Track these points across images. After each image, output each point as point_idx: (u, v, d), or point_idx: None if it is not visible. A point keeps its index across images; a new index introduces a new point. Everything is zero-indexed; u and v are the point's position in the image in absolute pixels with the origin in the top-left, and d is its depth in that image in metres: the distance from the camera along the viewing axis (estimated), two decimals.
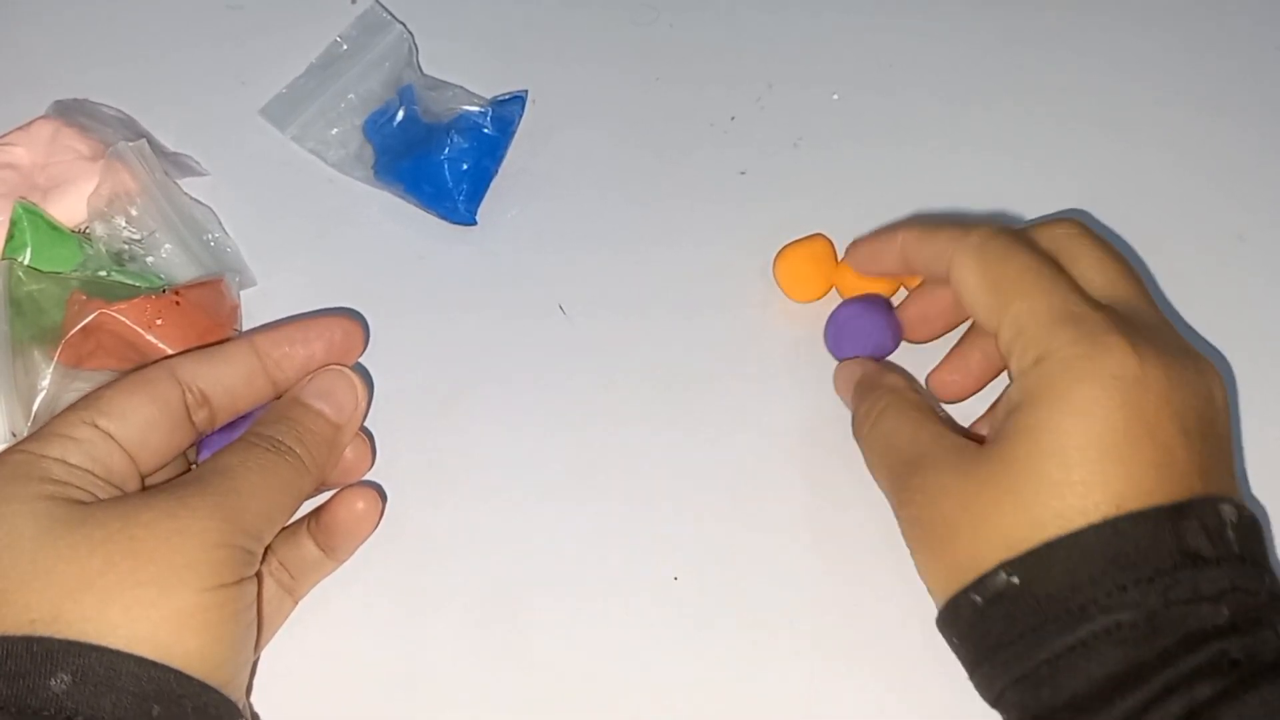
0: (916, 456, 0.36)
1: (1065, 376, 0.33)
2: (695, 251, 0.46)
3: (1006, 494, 0.32)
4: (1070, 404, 0.32)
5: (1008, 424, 0.33)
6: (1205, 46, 0.51)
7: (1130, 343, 0.33)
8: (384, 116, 0.47)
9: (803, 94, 0.50)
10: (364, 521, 0.38)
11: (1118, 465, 0.32)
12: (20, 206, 0.43)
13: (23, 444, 0.33)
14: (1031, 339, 0.34)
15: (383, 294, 0.45)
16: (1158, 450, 0.32)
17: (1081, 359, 0.33)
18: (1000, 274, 0.35)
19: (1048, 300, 0.34)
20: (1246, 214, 0.47)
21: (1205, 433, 0.33)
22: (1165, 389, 0.32)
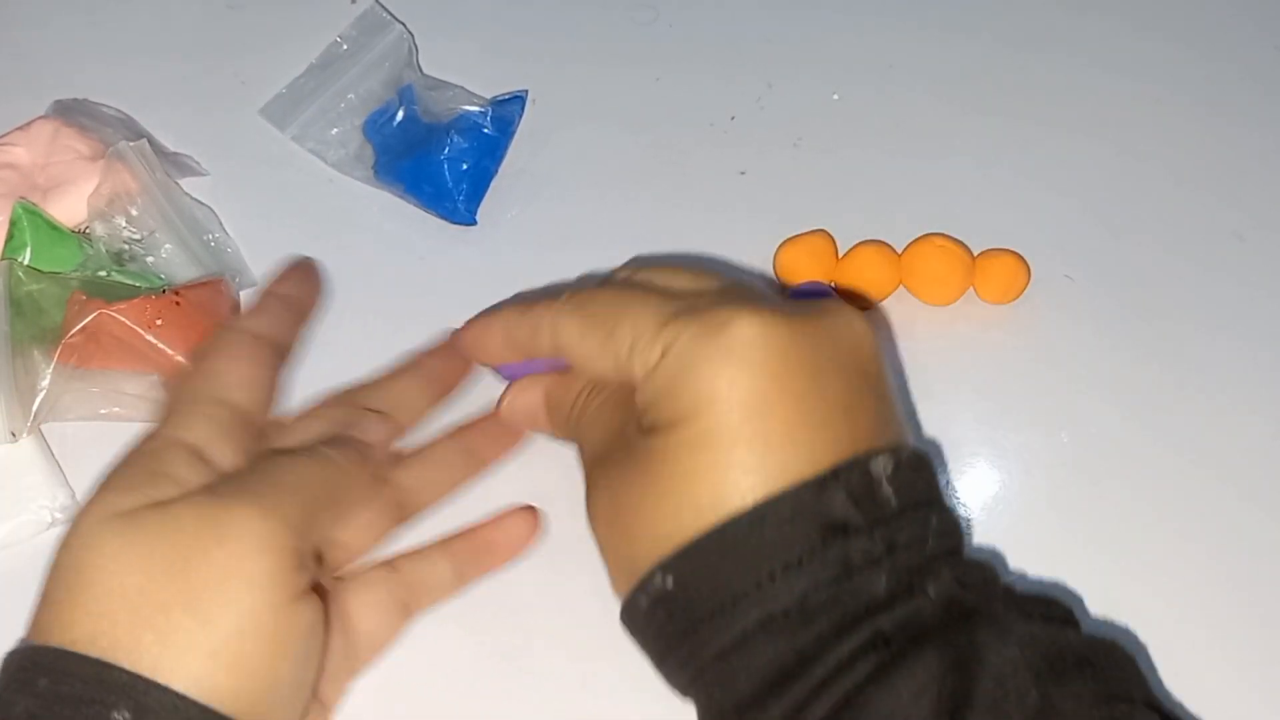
0: (606, 450, 0.34)
1: (690, 360, 0.31)
2: (695, 251, 0.46)
3: (655, 491, 0.31)
4: (700, 387, 0.31)
5: (648, 419, 0.32)
6: (1205, 46, 0.51)
7: (744, 310, 0.31)
8: (384, 116, 0.47)
9: (803, 94, 0.50)
10: (517, 543, 0.39)
11: (755, 444, 0.30)
12: (20, 206, 0.43)
13: (158, 424, 0.34)
14: (649, 340, 0.32)
15: (383, 294, 0.45)
16: (798, 417, 0.31)
17: (701, 339, 0.31)
18: (596, 310, 0.35)
19: (651, 307, 0.33)
20: (1246, 214, 0.47)
21: (853, 384, 0.32)
22: (793, 349, 0.31)
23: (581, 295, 0.35)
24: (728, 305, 0.32)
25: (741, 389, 0.31)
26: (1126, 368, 0.43)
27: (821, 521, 0.30)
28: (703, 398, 0.31)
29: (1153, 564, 0.39)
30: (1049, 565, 0.39)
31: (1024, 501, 0.41)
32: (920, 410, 0.42)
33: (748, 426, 0.30)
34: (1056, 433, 0.42)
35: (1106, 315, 0.44)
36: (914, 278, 0.44)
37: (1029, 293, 0.44)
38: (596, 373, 0.35)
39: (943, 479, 0.36)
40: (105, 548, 0.30)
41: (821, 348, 0.32)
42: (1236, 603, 0.39)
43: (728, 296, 0.33)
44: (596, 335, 0.34)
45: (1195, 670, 0.37)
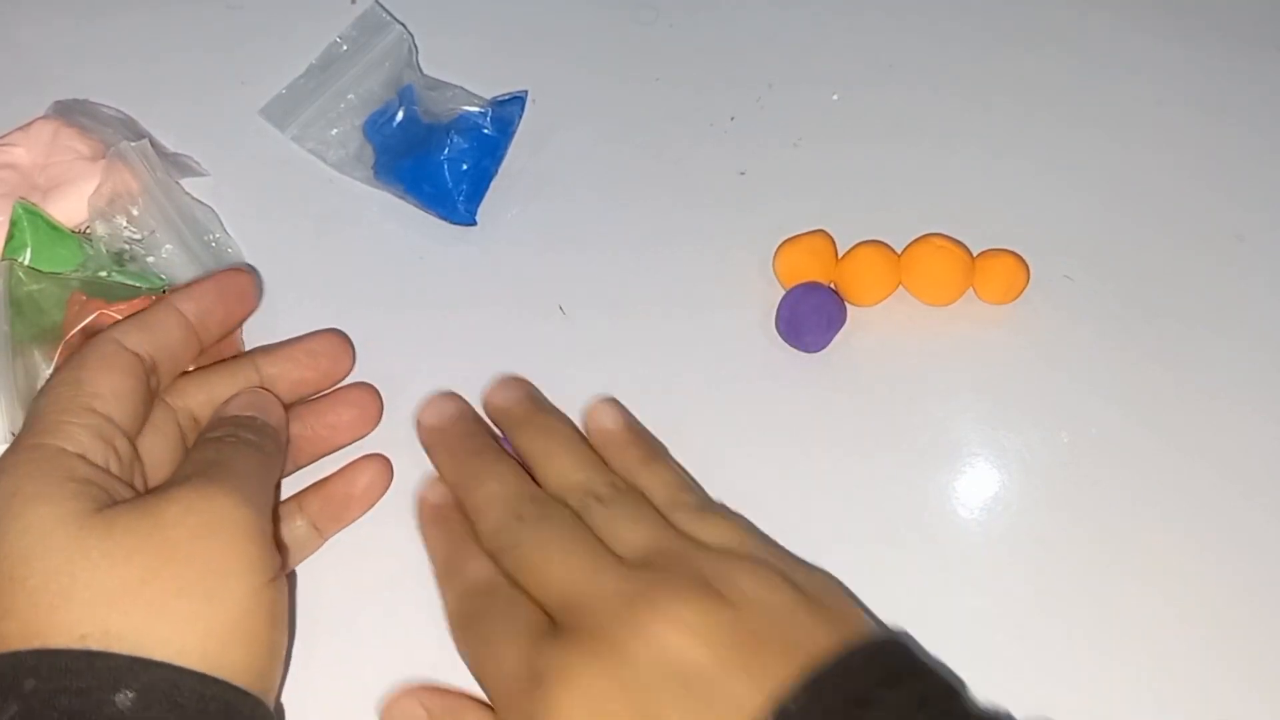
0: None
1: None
2: (695, 251, 0.46)
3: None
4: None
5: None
6: (1205, 46, 0.51)
7: (541, 654, 0.32)
8: (384, 117, 0.47)
9: (803, 94, 0.50)
10: (369, 494, 0.39)
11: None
12: (20, 206, 0.43)
13: (38, 435, 0.33)
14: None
15: (383, 294, 0.45)
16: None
17: (516, 708, 0.32)
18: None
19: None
20: (1246, 214, 0.47)
21: (680, 680, 0.31)
22: (579, 687, 0.31)
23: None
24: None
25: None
26: (1126, 368, 0.43)
27: None
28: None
29: (1153, 564, 0.39)
30: (1049, 565, 0.39)
31: (1024, 501, 0.41)
32: (920, 410, 0.42)
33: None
34: (1056, 433, 0.42)
35: (1106, 315, 0.44)
36: (914, 278, 0.44)
37: (1029, 293, 0.44)
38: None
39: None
40: (90, 550, 0.31)
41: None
42: (1237, 603, 0.39)
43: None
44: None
45: (1196, 670, 0.37)
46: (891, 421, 0.42)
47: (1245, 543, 0.40)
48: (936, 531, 0.40)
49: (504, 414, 0.41)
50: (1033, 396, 0.43)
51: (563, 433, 0.40)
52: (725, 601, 0.32)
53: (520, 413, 0.41)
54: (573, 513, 0.36)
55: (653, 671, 0.31)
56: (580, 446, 0.39)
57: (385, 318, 0.45)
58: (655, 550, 0.34)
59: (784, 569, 0.34)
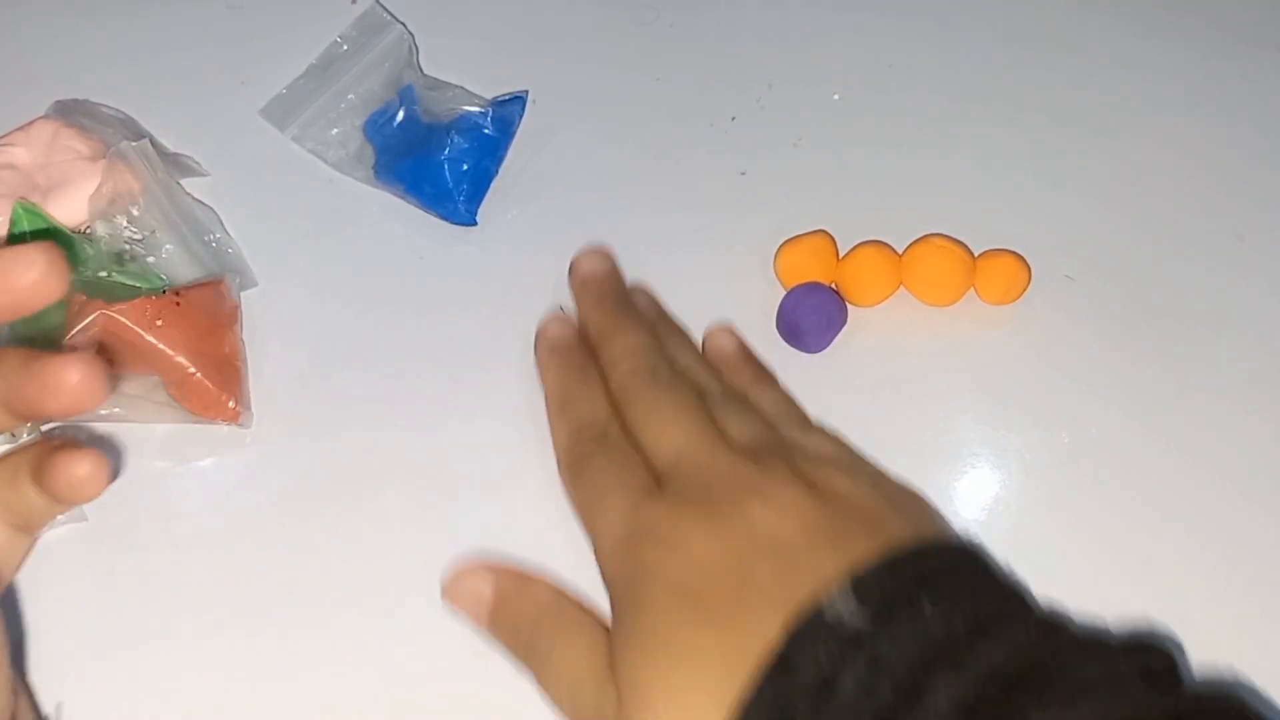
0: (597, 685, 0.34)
1: (614, 585, 0.34)
2: (695, 251, 0.46)
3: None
4: (620, 611, 0.33)
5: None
6: (1205, 46, 0.51)
7: (647, 512, 0.34)
8: (384, 117, 0.47)
9: (803, 94, 0.50)
10: (87, 487, 0.32)
11: (687, 669, 0.31)
12: (20, 206, 0.43)
13: None
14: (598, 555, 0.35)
15: (383, 294, 0.45)
16: (719, 615, 0.31)
17: (616, 570, 0.34)
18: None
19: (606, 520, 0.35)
20: (1246, 214, 0.47)
21: (772, 549, 0.32)
22: (681, 545, 0.33)
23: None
24: (641, 516, 0.34)
25: (653, 607, 0.32)
26: (1126, 368, 0.43)
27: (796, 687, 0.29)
28: (627, 624, 0.33)
29: (1153, 564, 0.39)
30: (1049, 565, 0.39)
31: (1024, 501, 0.41)
32: (920, 410, 0.42)
33: (670, 647, 0.31)
34: (1056, 433, 0.42)
35: (1106, 315, 0.44)
36: (914, 278, 0.44)
37: (1029, 293, 0.44)
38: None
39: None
40: None
41: (710, 536, 0.33)
42: (1237, 602, 0.39)
43: (647, 502, 0.35)
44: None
45: (1196, 670, 0.37)
46: (891, 421, 0.42)
47: (1245, 543, 0.40)
48: None
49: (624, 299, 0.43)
50: (1033, 396, 0.43)
51: (686, 337, 0.43)
52: (818, 494, 0.34)
53: (652, 315, 0.43)
54: (696, 393, 0.38)
55: (747, 539, 0.33)
56: (699, 353, 0.42)
57: (385, 318, 0.45)
58: (763, 444, 0.36)
59: (876, 478, 0.37)
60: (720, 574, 0.32)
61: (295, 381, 0.43)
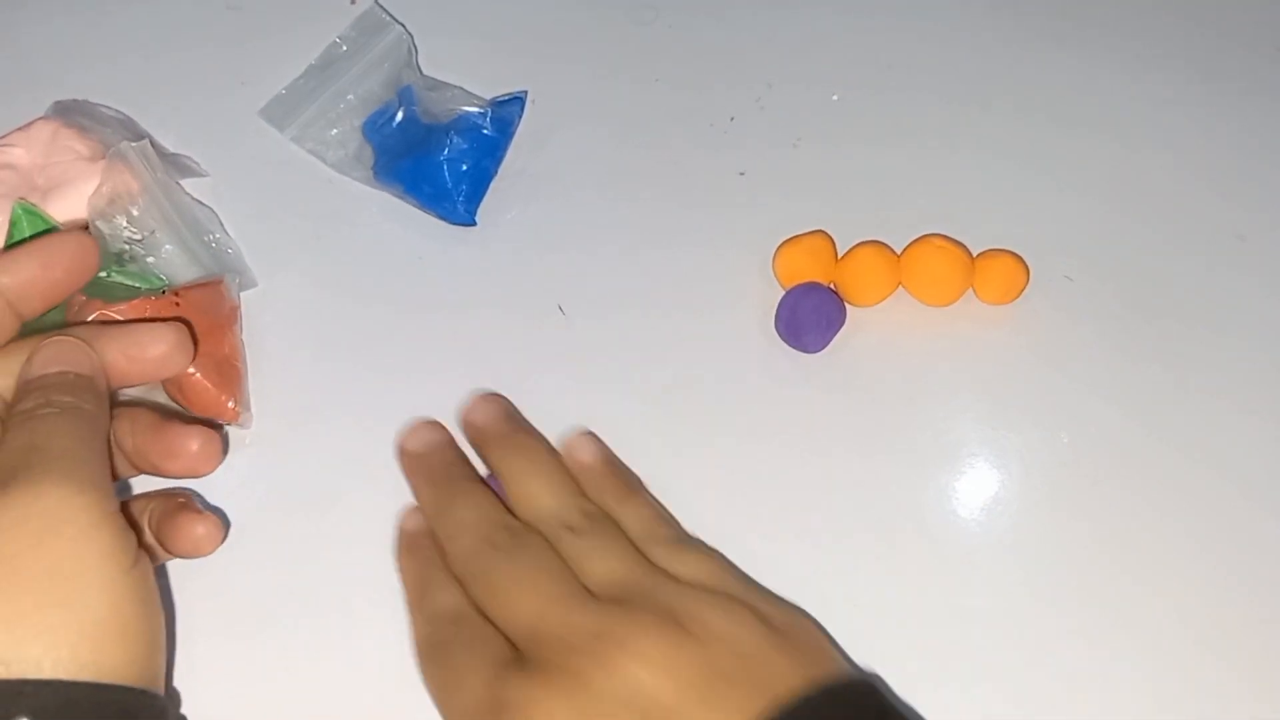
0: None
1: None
2: (695, 251, 0.46)
3: None
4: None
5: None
6: (1205, 46, 0.51)
7: (505, 686, 0.32)
8: (383, 117, 0.47)
9: (802, 94, 0.50)
10: (204, 545, 0.36)
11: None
12: (19, 207, 0.43)
13: None
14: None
15: (382, 294, 0.45)
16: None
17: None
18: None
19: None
20: (1246, 214, 0.47)
21: (644, 714, 0.31)
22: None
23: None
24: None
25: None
26: (1126, 368, 0.43)
27: None
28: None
29: (1153, 564, 0.39)
30: (1049, 565, 0.39)
31: (1024, 501, 0.41)
32: (920, 410, 0.42)
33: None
34: (1056, 433, 0.42)
35: (1106, 315, 0.44)
36: (913, 278, 0.44)
37: (1029, 293, 0.44)
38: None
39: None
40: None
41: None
42: (1237, 603, 0.38)
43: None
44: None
45: (1196, 670, 0.37)
46: (891, 421, 0.42)
47: (1245, 543, 0.40)
48: (936, 532, 0.40)
49: (480, 431, 0.40)
50: (1033, 396, 0.43)
51: (540, 454, 0.39)
52: (693, 638, 0.32)
53: (497, 430, 0.40)
54: (545, 541, 0.36)
55: (616, 706, 0.30)
56: (558, 470, 0.39)
57: (385, 318, 0.45)
58: (626, 583, 0.34)
59: (756, 605, 0.34)
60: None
61: (295, 381, 0.43)
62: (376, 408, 0.42)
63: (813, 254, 0.44)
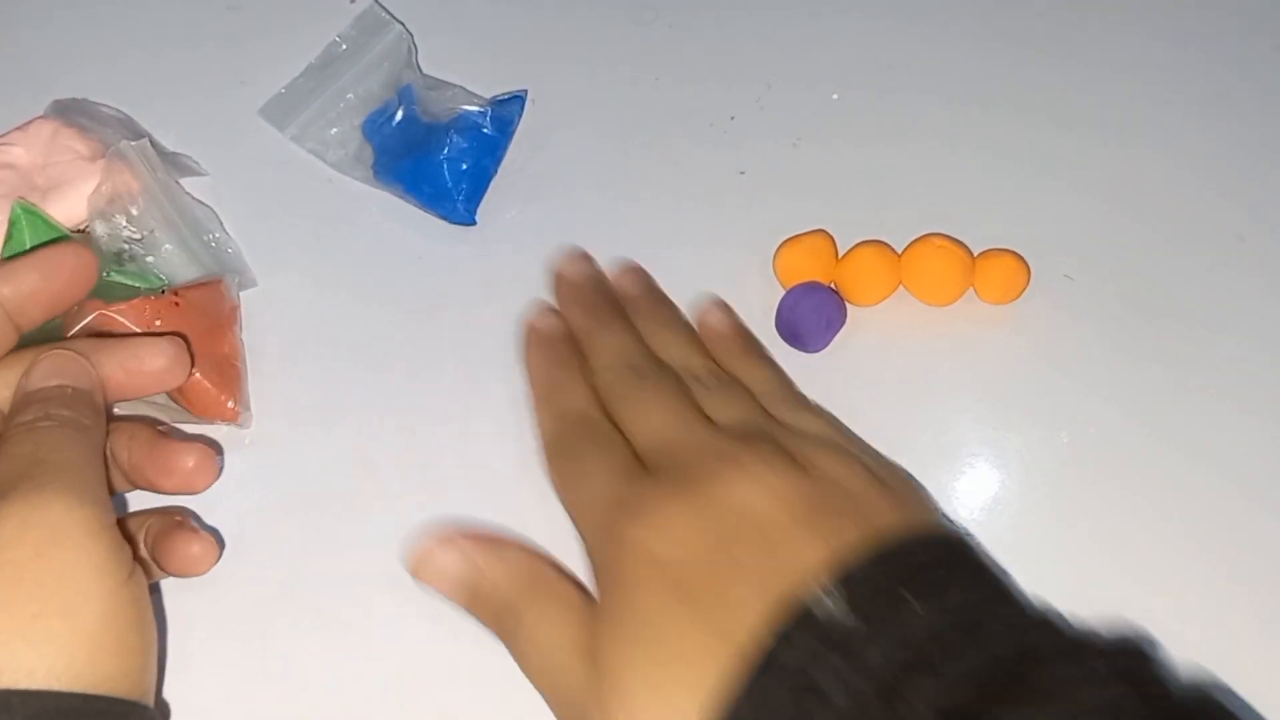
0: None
1: (596, 562, 0.34)
2: (695, 251, 0.46)
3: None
4: (603, 589, 0.33)
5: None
6: (1205, 46, 0.51)
7: (630, 490, 0.34)
8: (383, 116, 0.47)
9: (802, 94, 0.50)
10: (199, 564, 0.36)
11: (666, 659, 0.30)
12: (19, 206, 0.43)
13: None
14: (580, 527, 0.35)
15: (382, 294, 0.45)
16: (701, 600, 0.30)
17: (597, 549, 0.34)
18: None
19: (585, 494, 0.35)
20: (1246, 214, 0.47)
21: (756, 529, 0.32)
22: (662, 522, 0.32)
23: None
24: (619, 519, 0.33)
25: (630, 595, 0.32)
26: (1126, 368, 0.43)
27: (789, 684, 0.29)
28: (605, 609, 0.32)
29: (1153, 564, 0.39)
30: (1049, 565, 0.39)
31: (1024, 501, 0.41)
32: (920, 410, 0.42)
33: (648, 636, 0.31)
34: (1056, 433, 0.42)
35: (1106, 315, 0.44)
36: (914, 278, 0.44)
37: (1029, 293, 0.44)
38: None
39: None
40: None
41: (681, 531, 0.32)
42: (1237, 603, 0.39)
43: (624, 503, 0.34)
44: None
45: (1196, 670, 0.37)
46: (891, 421, 0.42)
47: (1245, 543, 0.40)
48: None
49: (619, 293, 0.43)
50: (1033, 396, 0.43)
51: (674, 317, 0.42)
52: (804, 472, 0.33)
53: (635, 293, 0.43)
54: (680, 380, 0.38)
55: (730, 517, 0.32)
56: (689, 332, 0.42)
57: (384, 317, 0.45)
58: (748, 424, 0.36)
59: (867, 460, 0.35)
60: (702, 554, 0.31)
61: (294, 381, 0.43)
62: (376, 408, 0.43)
63: (813, 254, 0.44)
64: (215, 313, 0.42)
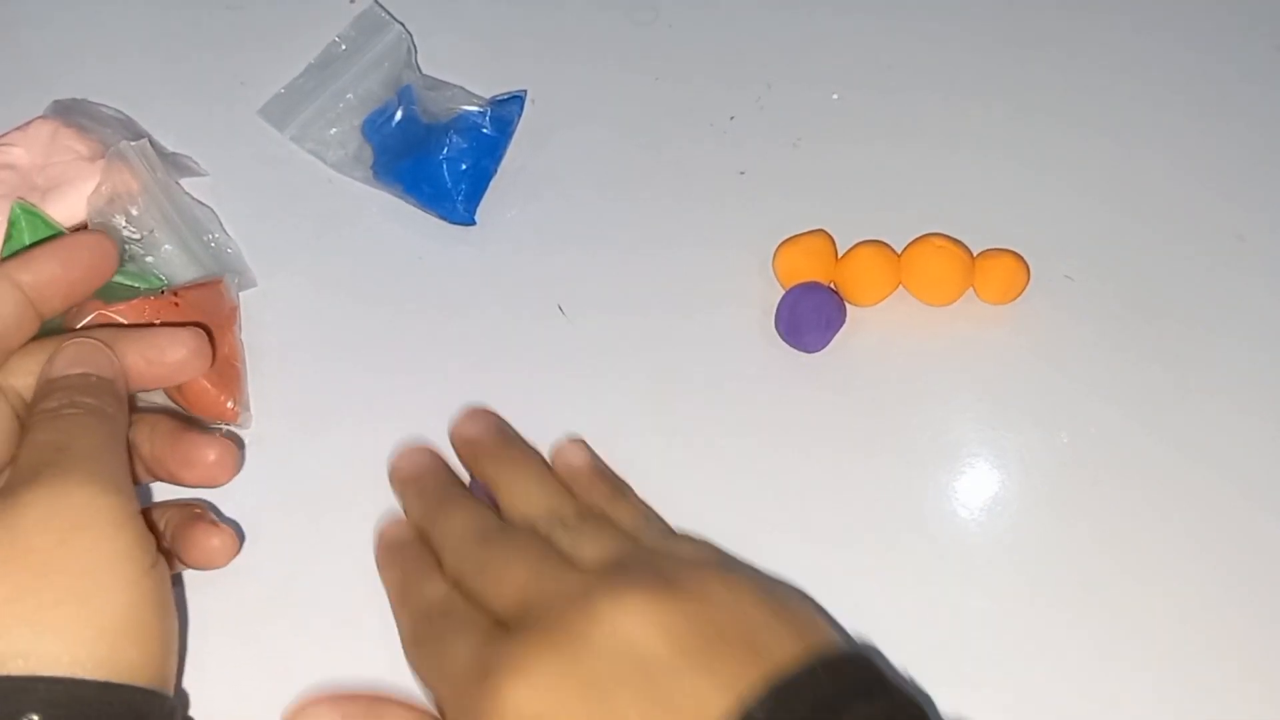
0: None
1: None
2: (695, 251, 0.46)
3: None
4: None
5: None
6: (1205, 46, 0.51)
7: (496, 649, 0.31)
8: (383, 117, 0.47)
9: (802, 94, 0.50)
10: (218, 557, 0.36)
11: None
12: (19, 207, 0.43)
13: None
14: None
15: (382, 294, 0.45)
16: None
17: (465, 700, 0.31)
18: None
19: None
20: (1245, 215, 0.47)
21: (638, 670, 0.29)
22: (533, 675, 0.30)
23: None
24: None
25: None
26: (1126, 368, 0.43)
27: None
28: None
29: (1153, 564, 0.39)
30: (1049, 565, 0.39)
31: (1024, 501, 0.41)
32: (920, 410, 0.42)
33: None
34: (1056, 433, 0.42)
35: (1106, 315, 0.44)
36: (913, 278, 0.44)
37: (1029, 293, 0.44)
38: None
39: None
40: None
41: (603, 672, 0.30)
42: (1237, 603, 0.38)
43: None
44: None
45: (1196, 670, 0.37)
46: (891, 421, 0.42)
47: (1245, 543, 0.40)
48: (936, 532, 0.40)
49: (472, 444, 0.40)
50: (1033, 396, 0.43)
51: (532, 463, 0.39)
52: (690, 597, 0.31)
53: (488, 443, 0.40)
54: (539, 534, 0.35)
55: (611, 662, 0.29)
56: (548, 477, 0.39)
57: (385, 318, 0.45)
58: (620, 555, 0.34)
59: (753, 578, 0.33)
60: (578, 706, 0.29)
61: (294, 381, 0.43)
62: (376, 407, 0.43)
63: (813, 254, 0.44)
64: (215, 313, 0.42)
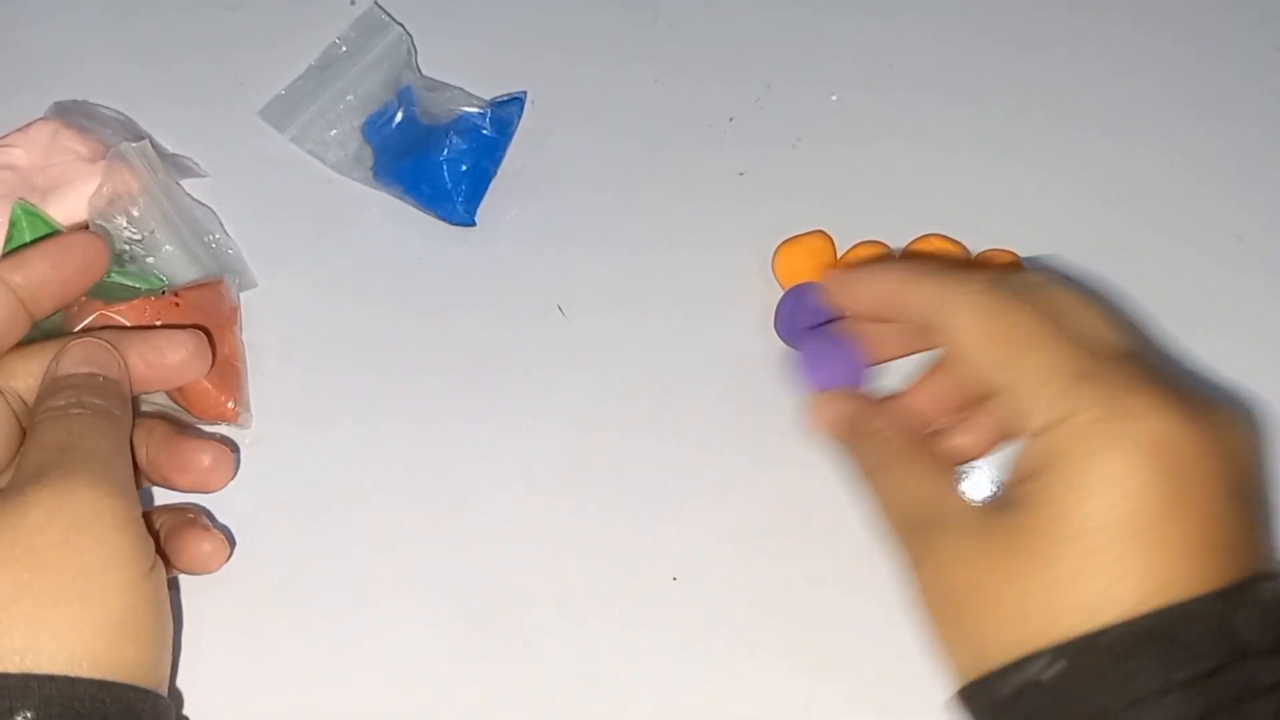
0: (931, 515, 0.33)
1: (1090, 444, 0.30)
2: (694, 252, 0.46)
3: (1029, 573, 0.30)
4: (1099, 476, 0.30)
5: (1028, 491, 0.31)
6: (1205, 46, 0.51)
7: (1159, 402, 0.30)
8: (383, 118, 0.47)
9: (802, 94, 0.50)
10: (209, 562, 0.37)
11: (1156, 547, 0.29)
12: (19, 207, 0.43)
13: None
14: (1049, 398, 0.31)
15: (382, 295, 0.45)
16: (1199, 526, 0.29)
17: (1106, 422, 0.30)
18: (1004, 327, 0.33)
19: (1061, 356, 0.32)
20: (1245, 215, 0.47)
21: (1246, 498, 0.31)
22: (1200, 454, 0.30)
23: (991, 298, 0.34)
24: (1140, 393, 0.30)
25: (1143, 486, 0.29)
26: None
27: (1230, 640, 0.29)
28: (1100, 487, 0.30)
29: None
30: None
31: None
32: None
33: (1148, 527, 0.29)
34: None
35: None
36: None
37: None
38: (979, 375, 0.33)
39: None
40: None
41: (1222, 456, 0.30)
42: None
43: (1138, 372, 0.31)
44: (995, 355, 0.33)
45: None
46: None
47: None
48: None
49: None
50: None
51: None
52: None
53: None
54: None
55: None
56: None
57: (385, 318, 0.45)
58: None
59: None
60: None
61: (294, 382, 0.43)
62: (376, 408, 0.43)
63: (812, 254, 0.45)
64: (215, 313, 0.42)
